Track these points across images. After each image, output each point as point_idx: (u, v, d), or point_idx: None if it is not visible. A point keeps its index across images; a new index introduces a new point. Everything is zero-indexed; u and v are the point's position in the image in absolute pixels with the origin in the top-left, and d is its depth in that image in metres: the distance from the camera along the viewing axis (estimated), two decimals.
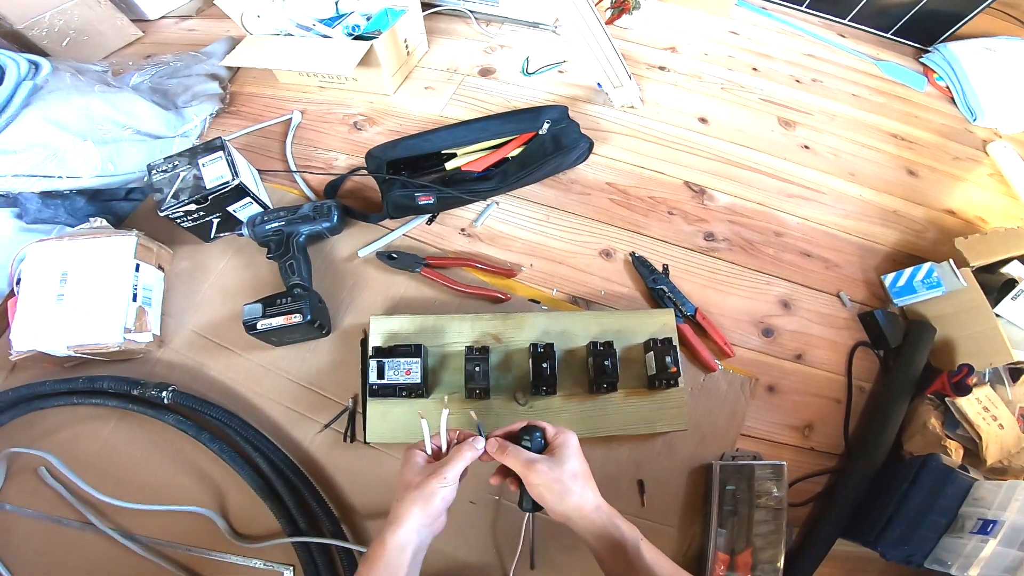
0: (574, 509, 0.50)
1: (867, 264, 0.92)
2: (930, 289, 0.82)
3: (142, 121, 0.90)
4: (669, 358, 0.69)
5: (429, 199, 0.84)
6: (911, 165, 1.08)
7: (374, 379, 0.68)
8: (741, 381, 0.79)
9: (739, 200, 0.97)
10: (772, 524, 0.69)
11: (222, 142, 0.80)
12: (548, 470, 0.51)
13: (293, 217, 0.80)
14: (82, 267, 0.72)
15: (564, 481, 0.50)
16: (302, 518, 0.65)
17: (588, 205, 0.93)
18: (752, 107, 1.12)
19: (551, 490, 0.50)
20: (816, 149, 1.06)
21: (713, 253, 0.90)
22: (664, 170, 0.99)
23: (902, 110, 1.18)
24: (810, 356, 0.83)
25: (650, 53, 1.19)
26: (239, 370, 0.76)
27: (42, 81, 0.83)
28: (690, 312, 0.81)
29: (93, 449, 0.70)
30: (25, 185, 0.78)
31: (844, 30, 1.35)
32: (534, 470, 0.51)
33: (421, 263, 0.81)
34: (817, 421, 0.79)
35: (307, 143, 0.99)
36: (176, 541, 0.66)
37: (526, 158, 0.90)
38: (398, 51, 1.03)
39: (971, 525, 0.65)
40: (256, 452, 0.68)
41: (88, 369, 0.73)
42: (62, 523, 0.67)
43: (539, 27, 1.19)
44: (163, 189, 0.76)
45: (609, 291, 0.85)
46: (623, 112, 1.06)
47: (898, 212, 1.00)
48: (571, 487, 0.50)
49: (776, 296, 0.87)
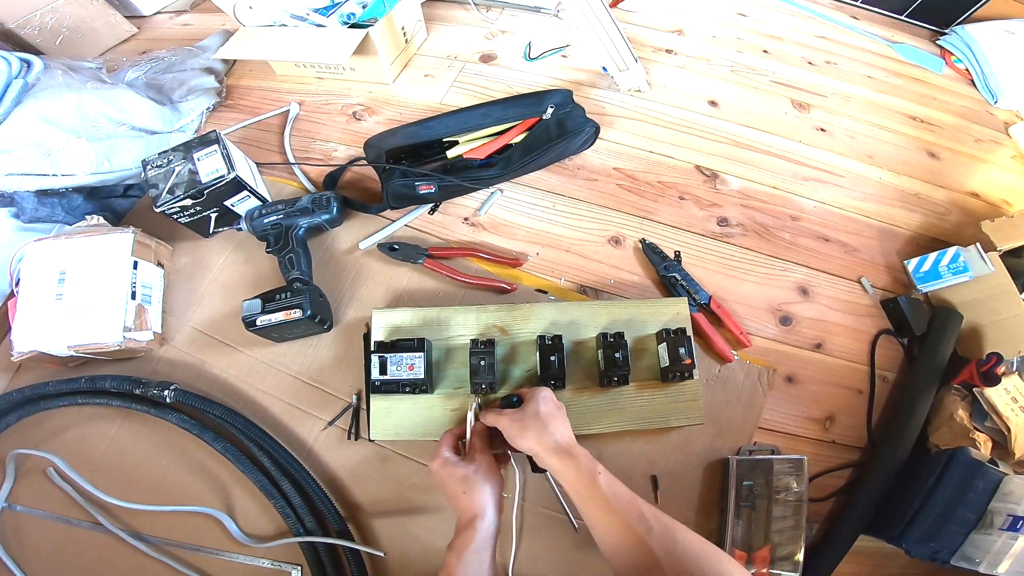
0: (534, 443, 0.55)
1: (888, 248, 0.89)
2: (956, 274, 0.79)
3: (137, 117, 0.89)
4: (683, 349, 0.67)
5: (430, 188, 0.82)
6: (931, 147, 1.05)
7: (376, 375, 0.66)
8: (758, 372, 0.76)
9: (753, 184, 0.93)
10: (791, 520, 0.67)
11: (217, 135, 0.78)
12: (512, 415, 0.58)
13: (291, 210, 0.78)
14: (80, 266, 0.71)
15: (523, 420, 0.56)
16: (308, 517, 0.65)
17: (595, 191, 0.90)
18: (764, 89, 1.08)
19: (514, 430, 0.56)
20: (832, 131, 1.03)
21: (727, 239, 0.87)
22: (674, 154, 0.96)
23: (920, 92, 1.15)
24: (830, 345, 0.80)
25: (656, 36, 1.16)
26: (241, 367, 0.74)
27: (33, 79, 0.82)
28: (704, 300, 0.78)
29: (100, 449, 0.70)
30: (20, 184, 0.77)
31: (857, 12, 1.32)
32: (503, 419, 0.58)
33: (424, 254, 0.79)
34: (838, 413, 0.76)
35: (305, 135, 0.97)
36: (184, 541, 0.66)
37: (530, 144, 0.88)
38: (395, 39, 1.00)
39: (1000, 521, 0.62)
40: (260, 451, 0.67)
41: (91, 369, 0.73)
42: (72, 523, 0.67)
43: (540, 11, 1.17)
44: (158, 185, 0.74)
45: (619, 279, 0.82)
46: (630, 96, 1.03)
47: (920, 195, 0.97)
48: (529, 424, 0.56)
49: (793, 282, 0.84)
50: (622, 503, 0.50)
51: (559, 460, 0.53)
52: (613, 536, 0.50)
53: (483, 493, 0.55)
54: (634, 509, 0.50)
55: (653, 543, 0.47)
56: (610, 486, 0.52)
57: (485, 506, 0.55)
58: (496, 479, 0.58)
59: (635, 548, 0.48)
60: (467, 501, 0.55)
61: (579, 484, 0.52)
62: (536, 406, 0.57)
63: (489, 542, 0.53)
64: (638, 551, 0.48)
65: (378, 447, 0.70)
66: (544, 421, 0.56)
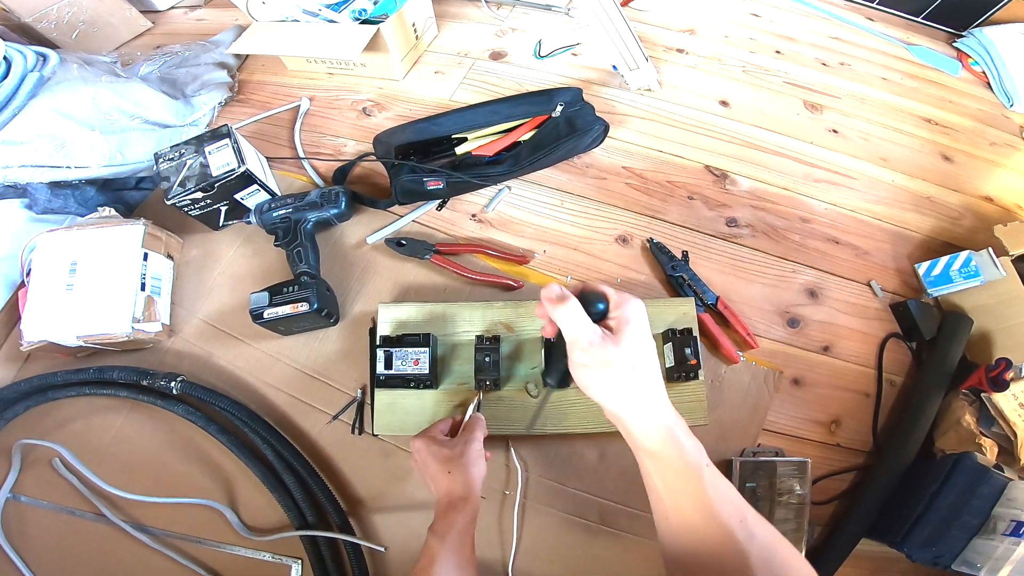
0: (623, 407, 0.43)
1: (899, 252, 0.88)
2: (968, 279, 0.78)
3: (150, 110, 0.90)
4: (689, 349, 0.66)
5: (439, 184, 0.82)
6: (946, 150, 1.03)
7: (382, 369, 0.67)
8: (764, 374, 0.75)
9: (763, 185, 0.93)
10: (793, 522, 0.67)
11: (228, 129, 0.78)
12: (600, 346, 0.42)
13: (300, 204, 0.78)
14: (91, 257, 0.72)
15: (616, 366, 0.42)
16: (310, 511, 0.65)
17: (604, 190, 0.90)
18: (776, 90, 1.07)
19: (598, 375, 0.43)
20: (845, 133, 1.02)
21: (735, 239, 0.86)
22: (683, 154, 0.95)
23: (935, 95, 1.13)
24: (838, 348, 0.79)
25: (667, 35, 1.15)
26: (248, 359, 0.75)
27: (49, 72, 0.83)
28: (711, 301, 0.78)
29: (106, 440, 0.70)
30: (34, 175, 0.78)
31: (872, 13, 1.30)
32: (585, 340, 0.42)
33: (431, 250, 0.79)
34: (844, 416, 0.76)
35: (315, 130, 0.97)
36: (187, 533, 0.66)
37: (539, 141, 0.87)
38: (406, 35, 1.00)
39: (1004, 527, 0.62)
40: (264, 444, 0.67)
41: (100, 359, 0.74)
42: (76, 514, 0.67)
43: (551, 9, 1.16)
44: (170, 177, 0.75)
45: (626, 278, 0.82)
46: (640, 95, 1.02)
47: (932, 198, 0.95)
48: (624, 377, 0.42)
49: (802, 284, 0.83)
50: (726, 505, 0.41)
51: (659, 439, 0.42)
52: (702, 538, 0.41)
53: (468, 475, 0.54)
54: (737, 513, 0.41)
55: (752, 553, 0.39)
56: (714, 484, 0.41)
57: (470, 488, 0.53)
58: (482, 465, 0.56)
59: (727, 554, 0.40)
60: (450, 482, 0.53)
61: (679, 477, 0.42)
62: (635, 351, 0.42)
63: (471, 526, 0.52)
64: (730, 558, 0.40)
65: (381, 442, 0.70)
66: (643, 373, 0.43)
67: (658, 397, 0.43)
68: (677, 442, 0.42)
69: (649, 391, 0.43)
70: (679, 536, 0.42)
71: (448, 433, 0.62)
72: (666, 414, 0.43)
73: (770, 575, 0.38)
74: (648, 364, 0.43)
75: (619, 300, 0.45)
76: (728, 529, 0.40)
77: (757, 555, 0.39)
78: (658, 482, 0.43)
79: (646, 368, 0.43)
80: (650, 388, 0.43)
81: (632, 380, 0.42)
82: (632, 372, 0.42)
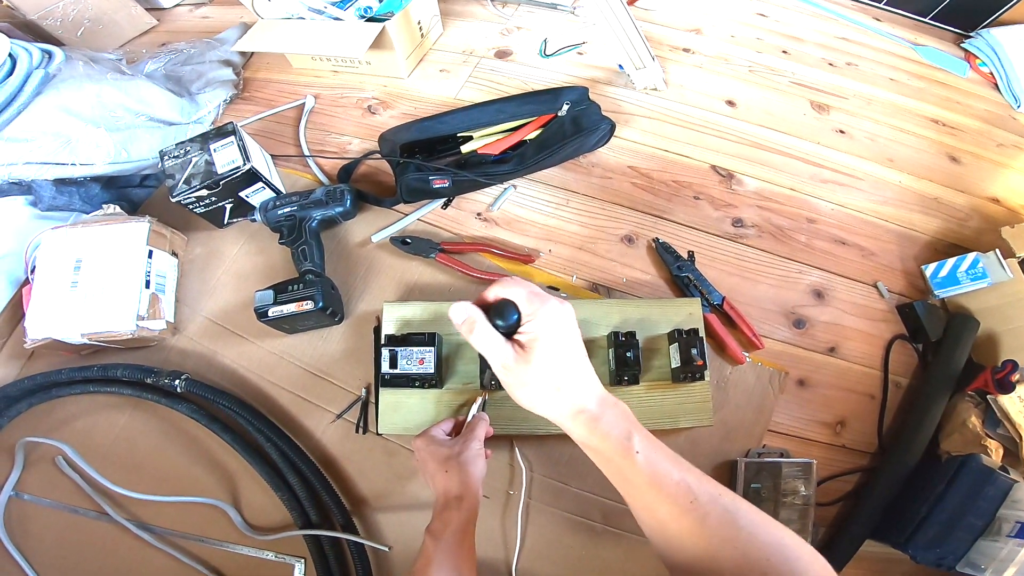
0: (541, 404, 0.44)
1: (906, 253, 0.88)
2: (975, 280, 0.77)
3: (155, 108, 0.90)
4: (695, 350, 0.66)
5: (444, 183, 0.82)
6: (953, 151, 1.03)
7: (386, 368, 0.66)
8: (770, 374, 0.75)
9: (769, 185, 0.92)
10: (797, 523, 0.67)
11: (234, 127, 0.78)
12: (514, 369, 0.43)
13: (305, 202, 0.78)
14: (95, 254, 0.72)
15: (531, 385, 0.43)
16: (313, 510, 0.65)
17: (609, 189, 0.89)
18: (783, 90, 1.07)
19: (518, 391, 0.44)
20: (852, 134, 1.01)
21: (741, 239, 0.86)
22: (689, 154, 0.95)
23: (943, 95, 1.13)
24: (844, 349, 0.79)
25: (674, 35, 1.15)
26: (252, 358, 0.75)
27: (55, 70, 0.83)
28: (717, 301, 0.77)
29: (109, 438, 0.70)
30: (39, 172, 0.78)
31: (880, 14, 1.30)
32: (499, 363, 0.44)
33: (436, 248, 0.79)
34: (850, 417, 0.75)
35: (320, 128, 0.97)
36: (190, 532, 0.66)
37: (545, 140, 0.87)
38: (411, 33, 1.00)
39: (1008, 528, 0.62)
40: (268, 443, 0.67)
41: (103, 357, 0.73)
42: (78, 512, 0.67)
43: (557, 8, 1.16)
44: (175, 175, 0.75)
45: (631, 278, 0.81)
46: (646, 94, 1.02)
47: (939, 199, 0.95)
48: (542, 392, 0.43)
49: (808, 285, 0.83)
50: (666, 480, 0.40)
51: (580, 426, 0.43)
52: (657, 523, 0.41)
53: (466, 475, 0.53)
54: (682, 488, 0.40)
55: (708, 530, 0.38)
56: (649, 460, 0.41)
57: (467, 488, 0.53)
58: (481, 464, 0.56)
59: (688, 537, 0.39)
60: (447, 481, 0.53)
61: (607, 459, 0.43)
62: (548, 359, 0.43)
63: (469, 525, 0.51)
64: (692, 540, 0.39)
65: (385, 441, 0.70)
66: (558, 369, 0.43)
67: (574, 391, 0.44)
68: (595, 419, 0.43)
69: (565, 386, 0.43)
70: (650, 533, 0.43)
71: (451, 432, 0.62)
72: (582, 403, 0.43)
73: (737, 553, 0.37)
74: (564, 373, 0.44)
75: (530, 311, 0.44)
76: (678, 507, 0.39)
77: (715, 533, 0.38)
78: (603, 470, 0.44)
79: (563, 378, 0.44)
80: (566, 381, 0.43)
81: (550, 393, 0.43)
82: (548, 387, 0.43)
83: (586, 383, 0.44)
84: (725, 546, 0.37)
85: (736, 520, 0.38)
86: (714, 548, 0.38)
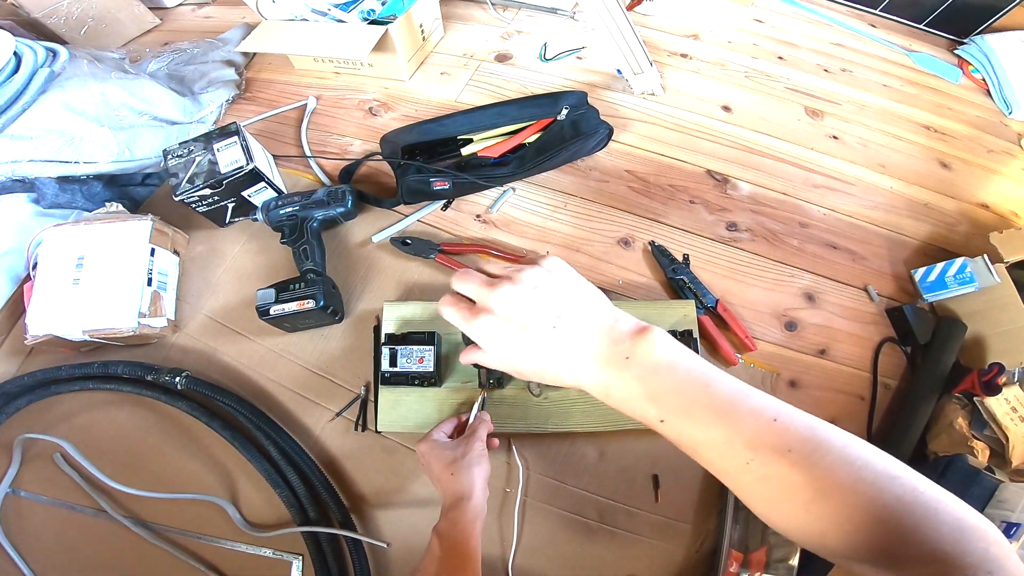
0: (559, 384, 0.40)
1: (896, 257, 0.89)
2: (963, 285, 0.79)
3: (159, 107, 0.90)
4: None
5: (444, 184, 0.83)
6: (944, 157, 1.04)
7: (386, 367, 0.68)
8: (762, 376, 0.76)
9: (763, 190, 0.94)
10: None
11: (237, 127, 0.79)
12: (496, 360, 0.41)
13: (307, 202, 0.79)
14: (98, 251, 0.72)
15: (523, 371, 0.40)
16: (312, 507, 0.65)
17: (606, 192, 0.91)
18: (777, 96, 1.08)
19: (517, 374, 0.41)
20: (845, 139, 1.03)
21: (735, 243, 0.87)
22: (685, 158, 0.96)
23: (935, 101, 1.14)
24: (834, 351, 0.80)
25: (672, 40, 1.16)
26: (252, 356, 0.75)
27: (59, 68, 0.84)
28: (711, 303, 0.79)
29: (108, 435, 0.70)
30: (42, 170, 0.79)
31: (875, 20, 1.31)
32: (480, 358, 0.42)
33: (436, 249, 0.80)
34: (840, 418, 0.76)
35: (322, 128, 0.98)
36: (187, 529, 0.66)
37: (544, 144, 0.88)
38: (413, 36, 1.01)
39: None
40: (267, 440, 0.67)
41: (103, 354, 0.74)
42: (76, 510, 0.67)
43: (557, 13, 1.17)
44: (178, 174, 0.76)
45: (627, 280, 0.83)
46: (643, 99, 1.04)
47: (929, 205, 0.97)
48: (535, 373, 0.40)
49: (800, 288, 0.84)
50: (704, 440, 0.35)
51: (600, 396, 0.38)
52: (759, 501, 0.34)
53: (470, 476, 0.55)
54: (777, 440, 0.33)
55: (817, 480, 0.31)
56: (676, 428, 0.35)
57: (472, 487, 0.54)
58: (485, 463, 0.57)
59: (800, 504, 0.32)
60: (453, 482, 0.55)
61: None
62: (505, 331, 0.38)
63: (475, 523, 0.53)
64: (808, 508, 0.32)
65: (384, 439, 0.71)
66: (528, 353, 0.39)
67: (573, 372, 0.38)
68: (617, 405, 0.37)
69: (560, 373, 0.38)
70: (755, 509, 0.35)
71: (453, 432, 0.63)
72: (593, 384, 0.38)
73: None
74: (538, 354, 0.38)
75: (484, 304, 0.40)
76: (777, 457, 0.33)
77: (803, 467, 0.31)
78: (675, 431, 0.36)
79: (539, 360, 0.39)
80: (559, 371, 0.38)
81: (541, 373, 0.39)
82: (536, 369, 0.39)
83: (571, 354, 0.38)
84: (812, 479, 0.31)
85: (846, 455, 0.32)
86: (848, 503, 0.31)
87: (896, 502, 0.30)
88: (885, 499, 0.30)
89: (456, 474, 0.55)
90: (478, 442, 0.59)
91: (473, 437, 0.59)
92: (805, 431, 0.33)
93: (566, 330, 0.38)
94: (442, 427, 0.63)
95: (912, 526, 0.29)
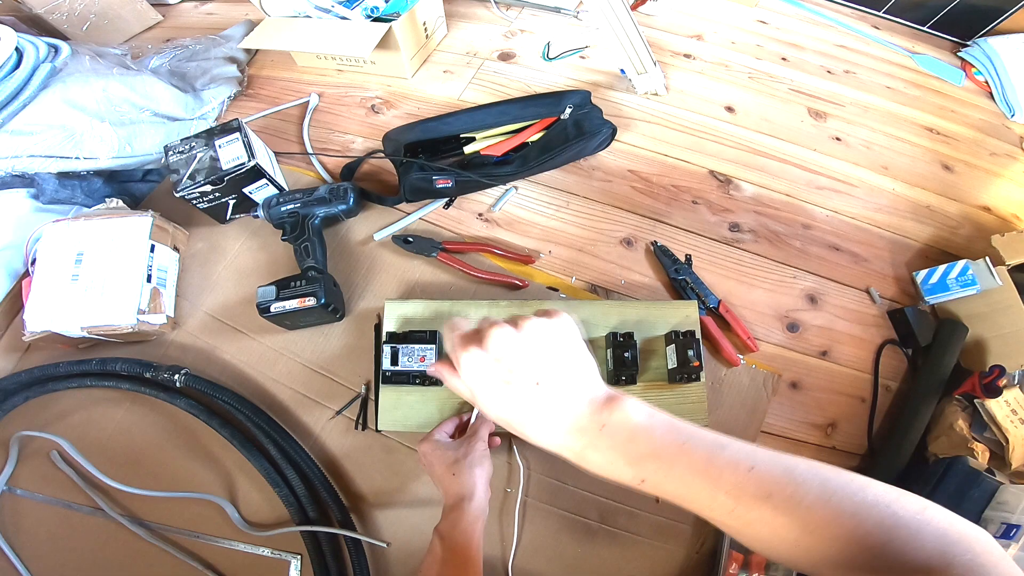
0: (533, 434, 0.38)
1: (898, 260, 0.89)
2: (964, 287, 0.79)
3: (160, 103, 0.90)
4: (692, 351, 0.67)
5: (447, 183, 0.83)
6: (946, 160, 1.04)
7: (387, 365, 0.67)
8: (764, 377, 0.76)
9: (766, 191, 0.94)
10: None
11: (239, 123, 0.79)
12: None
13: (309, 199, 0.79)
14: (97, 247, 0.72)
15: (511, 425, 0.38)
16: (311, 506, 0.65)
17: (609, 192, 0.91)
18: (781, 97, 1.08)
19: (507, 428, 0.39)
20: (848, 141, 1.03)
21: (738, 244, 0.87)
22: (688, 159, 0.96)
23: (938, 104, 1.14)
24: (836, 353, 0.80)
25: (675, 40, 1.16)
26: (252, 353, 0.75)
27: (61, 64, 0.84)
28: (713, 304, 0.78)
29: (106, 432, 0.70)
30: (42, 165, 0.79)
31: (878, 22, 1.31)
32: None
33: (437, 247, 0.80)
34: (841, 420, 0.77)
35: (324, 126, 0.98)
36: (185, 527, 0.66)
37: (547, 143, 0.88)
38: (417, 34, 1.01)
39: (994, 529, 0.63)
40: (267, 438, 0.67)
41: (102, 351, 0.73)
42: (72, 508, 0.66)
43: (560, 12, 1.17)
44: (180, 170, 0.75)
45: (629, 280, 0.82)
46: (647, 99, 1.03)
47: (932, 207, 0.96)
48: (522, 432, 0.38)
49: (802, 290, 0.84)
50: (697, 498, 0.35)
51: (577, 463, 0.37)
52: (753, 538, 0.35)
53: (472, 476, 0.55)
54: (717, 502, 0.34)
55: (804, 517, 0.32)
56: (658, 486, 0.35)
57: (473, 487, 0.54)
58: (487, 464, 0.58)
59: (791, 538, 0.33)
60: (455, 483, 0.55)
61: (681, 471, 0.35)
62: (482, 394, 0.38)
63: (476, 523, 0.53)
64: (796, 540, 0.32)
65: (384, 438, 0.70)
66: (508, 418, 0.38)
67: (550, 438, 0.37)
68: (596, 472, 0.36)
69: (539, 439, 0.37)
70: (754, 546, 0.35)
71: (455, 432, 0.63)
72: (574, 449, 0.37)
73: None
74: (515, 420, 0.38)
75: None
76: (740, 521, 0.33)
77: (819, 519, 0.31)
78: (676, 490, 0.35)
79: (517, 425, 0.38)
80: (537, 437, 0.37)
81: (525, 435, 0.38)
82: (518, 429, 0.38)
83: (547, 415, 0.37)
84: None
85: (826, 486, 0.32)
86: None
87: (877, 528, 0.31)
88: (867, 527, 0.31)
89: (458, 474, 0.55)
90: (480, 442, 0.59)
91: (475, 437, 0.59)
92: (782, 475, 0.33)
93: (549, 390, 0.37)
94: (444, 427, 0.62)
95: (897, 550, 0.30)
